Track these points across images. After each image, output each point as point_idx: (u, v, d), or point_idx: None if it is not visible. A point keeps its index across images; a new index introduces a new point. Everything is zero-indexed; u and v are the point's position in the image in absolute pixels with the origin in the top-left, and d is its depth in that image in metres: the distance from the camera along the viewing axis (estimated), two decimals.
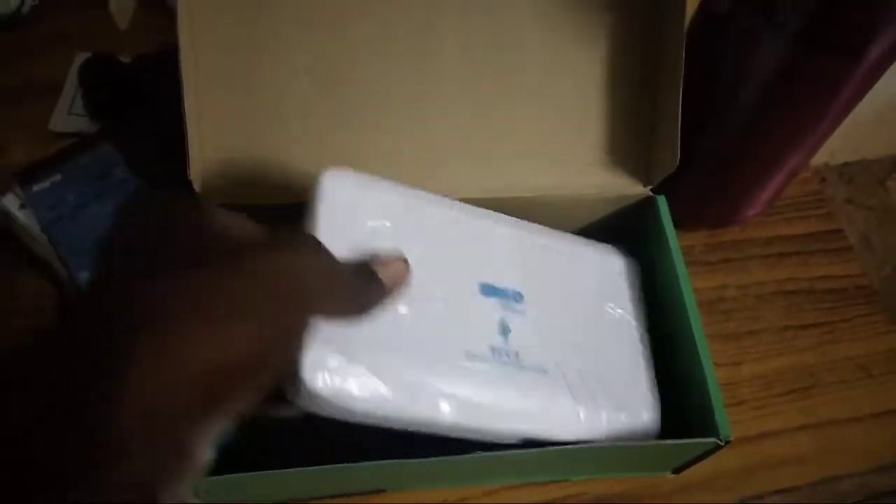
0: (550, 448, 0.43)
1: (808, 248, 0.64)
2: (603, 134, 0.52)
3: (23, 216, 0.59)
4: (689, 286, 0.48)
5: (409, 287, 0.38)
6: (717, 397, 0.44)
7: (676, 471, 0.51)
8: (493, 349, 0.41)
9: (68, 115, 0.65)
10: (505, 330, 0.42)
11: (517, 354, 0.42)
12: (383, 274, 0.35)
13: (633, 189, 0.52)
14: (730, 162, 0.55)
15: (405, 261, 0.38)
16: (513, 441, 0.41)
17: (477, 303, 0.42)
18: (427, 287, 0.40)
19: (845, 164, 1.53)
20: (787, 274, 0.62)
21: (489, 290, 0.43)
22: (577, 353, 0.44)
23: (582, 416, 0.42)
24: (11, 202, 0.60)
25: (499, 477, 0.51)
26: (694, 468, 0.51)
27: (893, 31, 0.41)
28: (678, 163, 0.48)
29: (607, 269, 0.50)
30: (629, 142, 0.52)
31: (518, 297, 0.44)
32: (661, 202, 0.51)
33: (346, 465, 0.40)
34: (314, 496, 0.49)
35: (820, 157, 0.54)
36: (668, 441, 0.43)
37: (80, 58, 0.67)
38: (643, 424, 0.45)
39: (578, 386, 0.43)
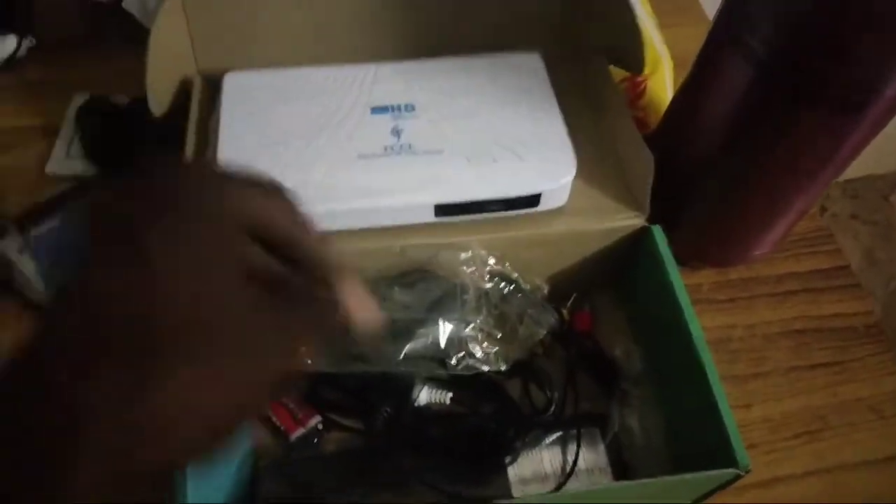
0: (566, 492, 0.44)
1: (817, 286, 0.63)
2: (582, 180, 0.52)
3: (21, 261, 0.58)
4: (692, 309, 0.47)
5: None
6: (732, 427, 0.44)
7: (695, 502, 0.50)
8: (386, 147, 0.49)
9: (66, 158, 0.64)
10: (397, 133, 0.50)
11: (410, 146, 0.49)
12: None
13: (628, 221, 0.51)
14: (735, 204, 0.54)
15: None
16: (427, 211, 0.48)
17: (368, 121, 0.50)
18: (321, 119, 0.50)
19: (849, 181, 1.52)
20: (795, 313, 0.61)
21: (379, 110, 0.51)
22: (476, 132, 0.50)
23: (486, 176, 0.48)
24: (10, 246, 0.59)
25: None
26: None
27: (894, 87, 0.41)
28: (654, 162, 0.48)
29: (507, 65, 0.55)
30: (610, 176, 0.53)
31: (409, 108, 0.51)
32: (657, 231, 0.51)
33: None
34: None
35: None
36: (689, 475, 0.43)
37: (78, 100, 0.66)
38: (557, 166, 0.49)
39: (476, 153, 0.49)
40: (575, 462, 0.51)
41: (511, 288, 0.53)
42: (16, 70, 0.70)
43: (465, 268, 0.52)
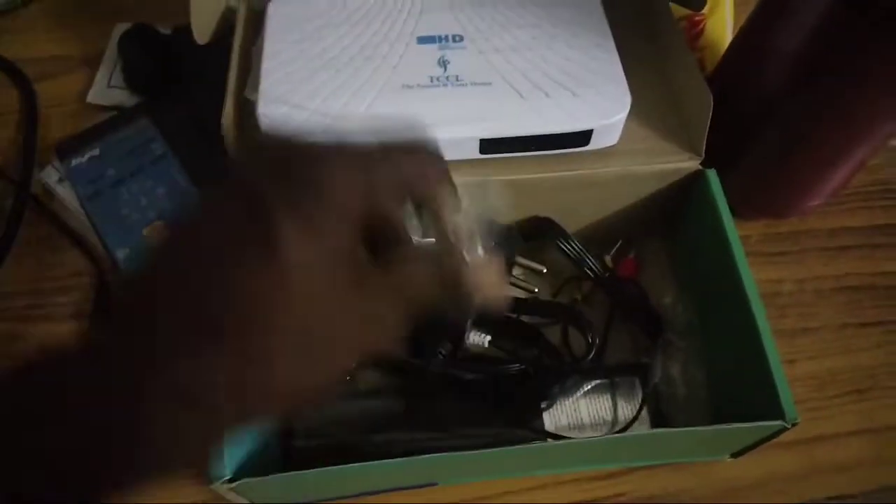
0: (609, 436, 0.45)
1: (872, 242, 0.60)
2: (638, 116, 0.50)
3: (61, 190, 0.58)
4: (745, 258, 0.46)
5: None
6: (781, 378, 0.42)
7: (735, 455, 0.50)
8: (432, 78, 0.47)
9: (107, 87, 0.64)
10: (444, 63, 0.48)
11: (457, 77, 0.47)
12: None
13: (683, 164, 0.49)
14: (794, 151, 0.51)
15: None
16: (471, 146, 0.47)
17: (414, 50, 0.48)
18: (366, 48, 0.48)
19: None
20: (847, 268, 0.59)
21: (426, 39, 0.49)
22: (527, 66, 0.48)
23: (536, 110, 0.46)
24: (51, 175, 0.59)
25: (555, 466, 0.51)
26: (745, 470, 0.50)
27: None
28: (712, 98, 0.46)
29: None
30: (664, 117, 0.51)
31: (457, 38, 0.49)
32: (712, 175, 0.49)
33: (400, 459, 0.39)
34: (367, 491, 0.48)
35: None
36: (734, 425, 0.42)
37: (120, 28, 0.66)
38: (610, 102, 0.47)
39: (527, 87, 0.47)
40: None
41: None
42: None
43: None
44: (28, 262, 0.57)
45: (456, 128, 0.46)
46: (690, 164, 0.49)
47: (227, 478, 0.38)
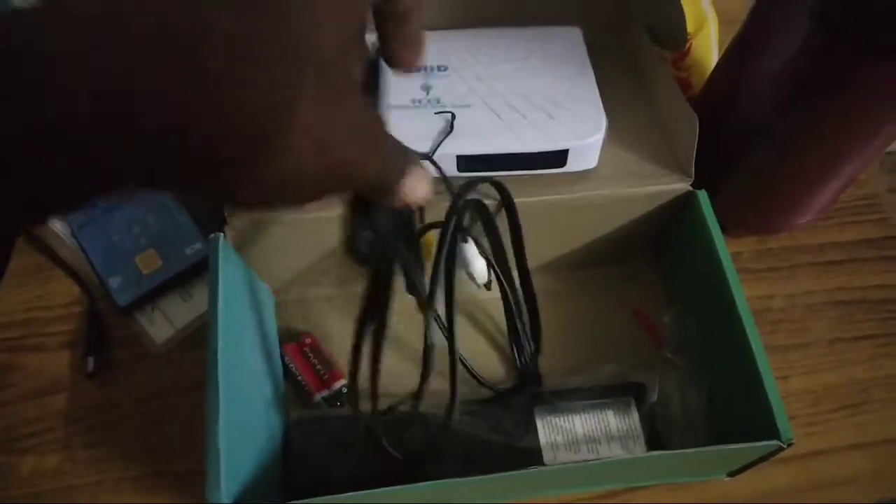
0: (606, 459, 0.45)
1: (862, 256, 0.61)
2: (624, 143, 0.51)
3: (52, 221, 0.58)
4: (737, 278, 0.46)
5: None
6: (776, 398, 0.42)
7: (732, 474, 0.50)
8: (413, 100, 0.49)
9: None
10: (426, 89, 0.50)
11: (438, 100, 0.49)
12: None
13: (673, 185, 0.50)
14: (783, 169, 0.52)
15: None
16: (448, 163, 0.47)
17: (399, 77, 0.46)
18: None
19: (889, 154, 1.48)
20: (838, 283, 0.60)
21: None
22: (507, 91, 0.49)
23: (512, 130, 0.47)
24: None
25: (551, 489, 0.50)
26: (742, 487, 0.50)
27: None
28: (698, 122, 0.46)
29: (546, 36, 0.54)
30: (651, 142, 0.52)
31: (442, 68, 0.51)
32: (703, 196, 0.49)
33: (396, 487, 0.39)
34: None
35: None
36: (730, 446, 0.42)
37: None
38: (585, 123, 0.48)
39: (505, 109, 0.48)
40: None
41: None
42: None
43: None
44: (20, 292, 0.57)
45: (433, 144, 0.47)
46: (681, 185, 0.49)
47: None
